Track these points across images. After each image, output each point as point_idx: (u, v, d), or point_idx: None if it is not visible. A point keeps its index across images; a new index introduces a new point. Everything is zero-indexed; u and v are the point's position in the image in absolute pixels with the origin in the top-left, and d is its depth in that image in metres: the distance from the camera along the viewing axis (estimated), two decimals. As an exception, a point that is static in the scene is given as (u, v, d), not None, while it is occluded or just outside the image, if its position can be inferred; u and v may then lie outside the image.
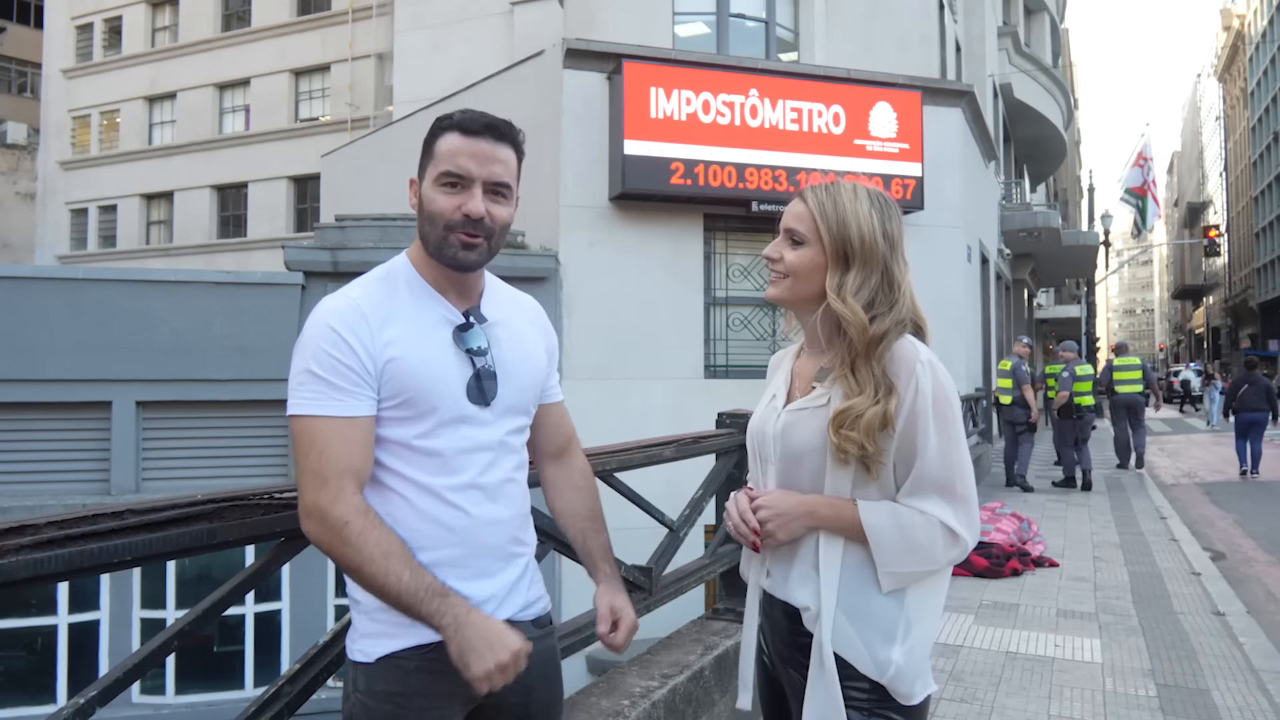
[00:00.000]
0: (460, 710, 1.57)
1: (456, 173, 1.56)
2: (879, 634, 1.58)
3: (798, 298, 1.69)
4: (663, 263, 10.82)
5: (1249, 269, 67.26)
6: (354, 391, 1.48)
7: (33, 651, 9.85)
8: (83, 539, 1.33)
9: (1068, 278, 35.97)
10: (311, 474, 1.45)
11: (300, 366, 1.50)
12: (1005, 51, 21.14)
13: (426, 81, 17.35)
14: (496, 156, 1.59)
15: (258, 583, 1.72)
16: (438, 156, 1.58)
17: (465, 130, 1.58)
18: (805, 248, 1.66)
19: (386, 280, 1.60)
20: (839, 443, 1.57)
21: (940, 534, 1.59)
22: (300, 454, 1.47)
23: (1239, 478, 13.79)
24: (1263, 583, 7.34)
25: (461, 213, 1.56)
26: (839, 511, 1.61)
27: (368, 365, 1.49)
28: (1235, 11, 73.15)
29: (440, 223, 1.57)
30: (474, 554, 1.57)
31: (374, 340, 1.50)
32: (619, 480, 3.03)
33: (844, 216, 1.64)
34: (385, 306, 1.55)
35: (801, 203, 1.69)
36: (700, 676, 3.25)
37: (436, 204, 1.57)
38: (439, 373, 1.54)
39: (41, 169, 29.71)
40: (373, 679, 1.50)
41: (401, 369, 1.51)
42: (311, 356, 1.49)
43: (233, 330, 9.81)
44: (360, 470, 1.47)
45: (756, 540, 1.65)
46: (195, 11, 27.04)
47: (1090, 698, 4.28)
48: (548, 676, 1.69)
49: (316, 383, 1.47)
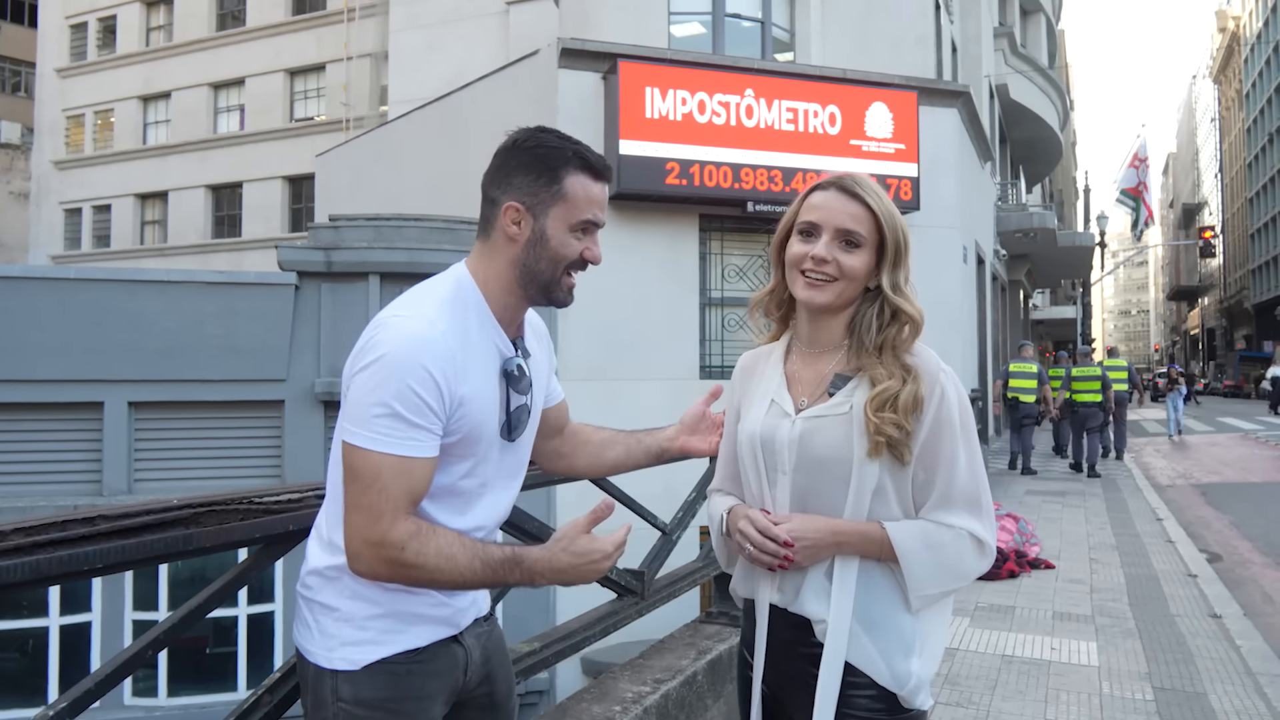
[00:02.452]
0: (444, 705, 1.59)
1: (595, 223, 1.58)
2: (899, 647, 1.57)
3: (845, 301, 1.63)
4: (658, 263, 10.79)
5: (1244, 270, 67.41)
6: (430, 430, 1.45)
7: (24, 653, 9.79)
8: (51, 546, 1.29)
9: (1063, 279, 36.04)
10: (367, 509, 1.41)
11: (380, 398, 1.41)
12: (1001, 52, 21.14)
13: (421, 81, 17.30)
14: (607, 202, 1.63)
15: (234, 590, 1.68)
16: (572, 200, 1.55)
17: (596, 175, 1.59)
18: (862, 250, 1.61)
19: (457, 305, 1.53)
20: (879, 424, 1.52)
21: (969, 546, 1.57)
22: (358, 487, 1.42)
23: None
24: (1259, 585, 7.32)
25: (584, 258, 1.59)
26: (866, 537, 1.57)
27: (447, 406, 1.47)
28: (1231, 13, 73.31)
29: (563, 264, 1.57)
30: None
31: (456, 382, 1.47)
32: (611, 483, 2.99)
33: (893, 213, 1.62)
34: (462, 341, 1.50)
35: (859, 204, 1.61)
36: (693, 681, 3.21)
37: (569, 247, 1.56)
38: (489, 416, 1.55)
39: (35, 168, 29.62)
40: (359, 686, 1.48)
41: (470, 410, 1.50)
42: (396, 394, 1.41)
43: (226, 331, 9.76)
44: (416, 499, 1.47)
45: (784, 563, 1.58)
46: (190, 11, 26.96)
47: (1087, 701, 4.25)
48: (504, 664, 1.76)
49: (397, 422, 1.41)
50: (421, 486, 1.46)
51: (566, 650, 2.68)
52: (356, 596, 1.50)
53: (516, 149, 1.57)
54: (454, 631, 1.60)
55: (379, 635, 1.50)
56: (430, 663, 1.53)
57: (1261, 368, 50.98)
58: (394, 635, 1.50)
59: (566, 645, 2.68)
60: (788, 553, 1.56)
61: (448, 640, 1.59)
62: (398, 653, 1.50)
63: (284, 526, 1.70)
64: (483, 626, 1.69)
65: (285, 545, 1.74)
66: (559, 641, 2.67)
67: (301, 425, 10.09)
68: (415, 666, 1.52)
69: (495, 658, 1.71)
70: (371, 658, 1.49)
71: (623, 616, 3.00)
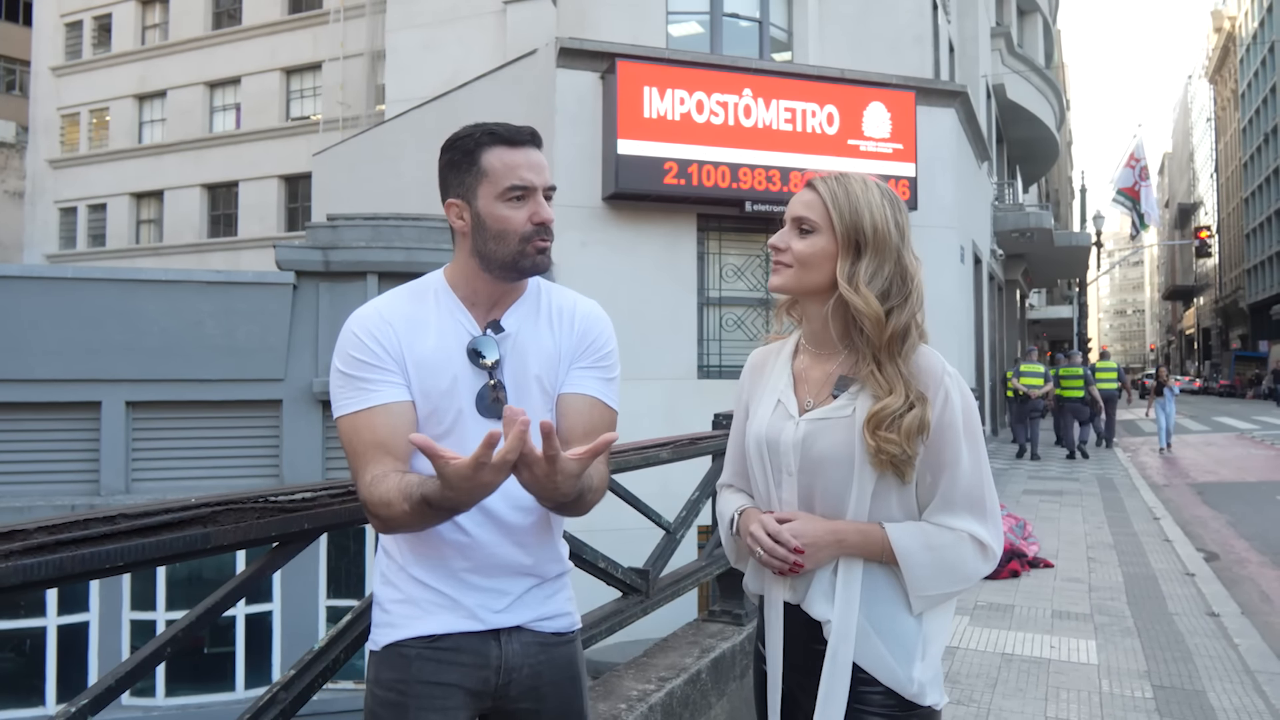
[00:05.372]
0: (466, 704, 1.57)
1: (522, 185, 1.57)
2: (902, 652, 1.58)
3: (804, 288, 1.64)
4: (656, 263, 10.80)
5: (1239, 270, 67.60)
6: (379, 381, 1.53)
7: (21, 653, 9.78)
8: (74, 544, 1.30)
9: (1059, 278, 36.11)
10: (353, 472, 1.52)
11: (332, 373, 1.58)
12: (998, 52, 21.18)
13: (418, 80, 17.27)
14: (543, 162, 1.62)
15: (253, 587, 1.69)
16: (492, 173, 1.57)
17: (511, 142, 1.59)
18: (815, 236, 1.61)
19: (415, 291, 1.65)
20: (878, 445, 1.52)
21: (970, 549, 1.58)
22: (347, 455, 1.53)
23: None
24: (1256, 584, 7.35)
25: (534, 222, 1.58)
26: (867, 538, 1.58)
27: (393, 356, 1.55)
28: (1226, 13, 73.48)
29: (516, 236, 1.58)
30: (478, 568, 1.61)
31: (397, 341, 1.56)
32: (616, 482, 3.00)
33: (856, 204, 1.60)
34: (407, 312, 1.60)
35: (811, 191, 1.64)
36: (697, 680, 3.23)
37: (510, 220, 1.57)
38: (450, 386, 1.56)
39: (30, 167, 29.53)
40: (380, 667, 1.57)
41: (421, 373, 1.56)
42: (338, 360, 1.56)
43: (223, 330, 9.76)
44: (387, 443, 1.50)
45: (794, 569, 1.59)
46: (185, 9, 26.88)
47: (1087, 699, 4.27)
48: (562, 686, 1.66)
49: (345, 382, 1.54)
50: (389, 435, 1.50)
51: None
52: (386, 582, 1.61)
53: (441, 153, 1.64)
54: (481, 627, 1.59)
55: (398, 619, 1.57)
56: (449, 652, 1.56)
57: (1257, 367, 51.17)
58: (411, 621, 1.56)
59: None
60: (797, 559, 1.57)
61: (477, 634, 1.59)
62: (411, 637, 1.55)
63: (300, 525, 1.71)
64: (542, 638, 1.64)
65: (301, 543, 1.75)
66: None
67: (299, 425, 10.09)
68: (429, 653, 1.55)
69: (552, 676, 1.64)
70: (387, 639, 1.57)
71: (628, 615, 3.01)
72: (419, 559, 1.58)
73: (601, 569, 2.88)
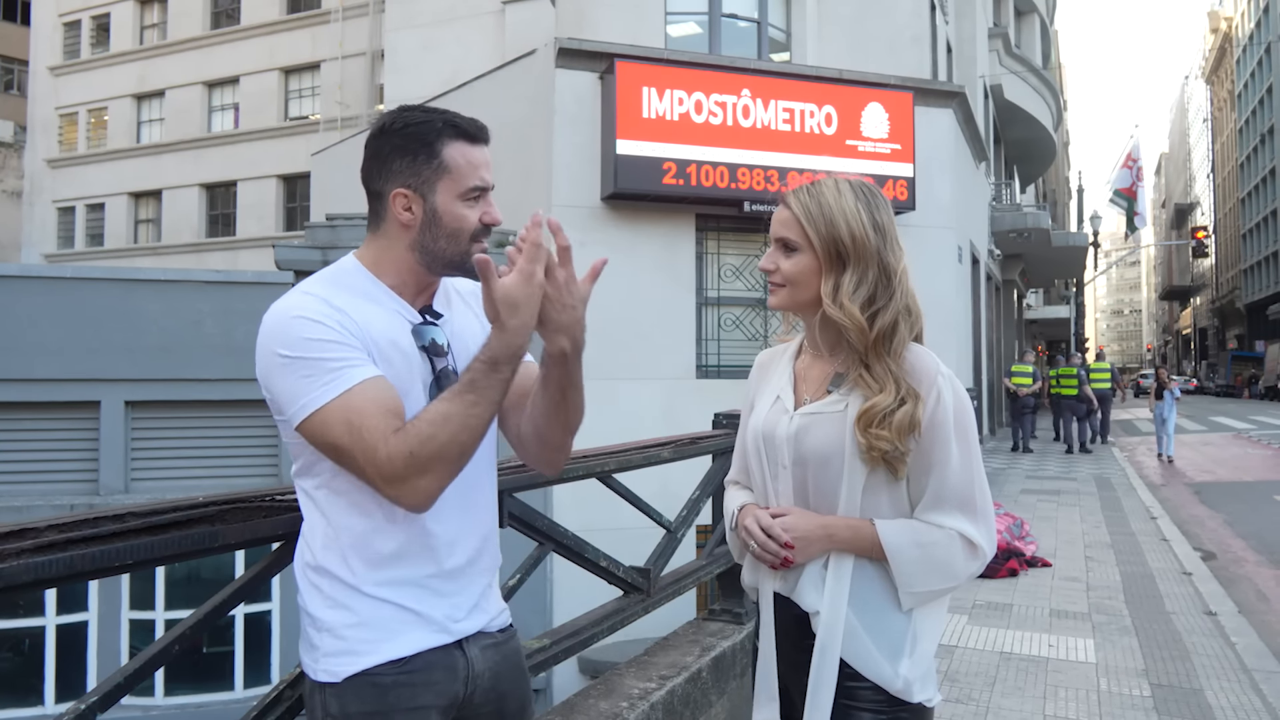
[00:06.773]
0: (442, 718, 1.50)
1: (482, 185, 1.52)
2: (889, 648, 1.59)
3: (798, 304, 1.68)
4: (655, 263, 10.80)
5: (1236, 270, 67.71)
6: (352, 358, 1.38)
7: (20, 653, 9.77)
8: (84, 542, 1.31)
9: (1057, 278, 36.13)
10: (363, 455, 1.34)
11: (280, 369, 1.38)
12: (996, 53, 21.21)
13: (417, 80, 17.26)
14: (491, 162, 1.55)
15: (258, 586, 1.70)
16: (455, 170, 1.49)
17: (473, 138, 1.52)
18: (799, 254, 1.64)
19: (335, 280, 1.50)
20: (869, 442, 1.55)
21: (960, 547, 1.59)
22: (344, 443, 1.34)
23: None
24: (1253, 583, 7.38)
25: (484, 222, 1.52)
26: (857, 533, 1.60)
27: (351, 331, 1.40)
28: (1223, 14, 73.60)
29: (466, 236, 1.51)
30: (436, 574, 1.50)
31: (351, 321, 1.42)
32: (617, 481, 3.02)
33: (831, 216, 1.62)
34: (344, 298, 1.45)
35: (786, 209, 1.66)
36: (698, 678, 3.24)
37: (466, 219, 1.50)
38: (405, 371, 1.46)
39: (28, 167, 29.51)
40: (345, 700, 1.42)
41: (378, 356, 1.43)
42: (288, 348, 1.37)
43: (222, 330, 9.75)
44: (396, 410, 1.38)
45: (785, 563, 1.62)
46: (184, 9, 26.87)
47: (1085, 698, 4.29)
48: (517, 680, 1.64)
49: (307, 369, 1.36)
50: (391, 399, 1.38)
51: (575, 647, 2.71)
52: (335, 605, 1.44)
53: (386, 134, 1.51)
54: (449, 639, 1.50)
55: (359, 645, 1.43)
56: (421, 673, 1.45)
57: (1253, 367, 51.22)
58: (377, 644, 1.43)
59: (575, 642, 2.71)
60: (788, 553, 1.60)
61: (444, 648, 1.50)
62: (381, 663, 1.43)
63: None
64: (494, 638, 1.59)
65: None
66: (568, 638, 2.69)
67: (299, 424, 10.07)
68: (403, 677, 1.44)
69: (507, 674, 1.60)
70: (352, 669, 1.42)
71: (629, 614, 3.03)
72: (379, 572, 1.44)
73: (603, 568, 2.90)
